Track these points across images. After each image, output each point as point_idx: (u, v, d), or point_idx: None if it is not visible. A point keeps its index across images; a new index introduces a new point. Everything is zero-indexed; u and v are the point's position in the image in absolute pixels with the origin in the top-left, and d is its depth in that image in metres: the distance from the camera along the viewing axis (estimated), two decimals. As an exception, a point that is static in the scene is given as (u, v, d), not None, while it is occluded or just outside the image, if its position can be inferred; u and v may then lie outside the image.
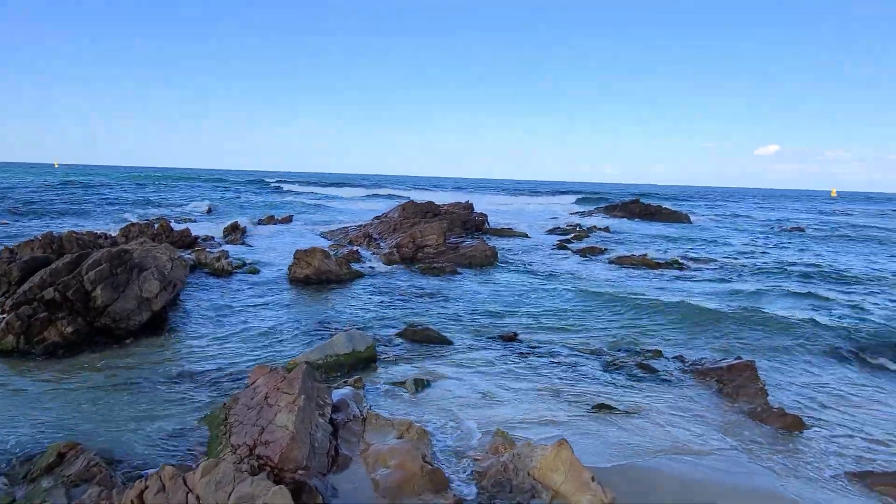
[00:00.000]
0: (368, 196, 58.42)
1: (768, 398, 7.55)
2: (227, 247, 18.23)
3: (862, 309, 13.45)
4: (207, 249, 15.64)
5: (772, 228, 36.48)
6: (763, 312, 12.65)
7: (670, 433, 6.68)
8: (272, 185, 68.77)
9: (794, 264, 20.44)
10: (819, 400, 7.96)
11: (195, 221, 25.25)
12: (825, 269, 19.39)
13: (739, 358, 8.79)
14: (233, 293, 12.62)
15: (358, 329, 9.61)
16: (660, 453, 6.14)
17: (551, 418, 6.93)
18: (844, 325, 11.81)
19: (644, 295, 14.02)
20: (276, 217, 29.48)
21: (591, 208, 43.01)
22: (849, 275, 18.47)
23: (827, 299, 14.48)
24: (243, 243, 20.03)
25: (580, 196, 63.26)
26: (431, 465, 5.16)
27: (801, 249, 25.73)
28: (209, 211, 34.09)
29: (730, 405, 7.60)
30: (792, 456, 6.27)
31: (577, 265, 18.62)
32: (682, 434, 6.68)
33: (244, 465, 4.90)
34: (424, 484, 4.98)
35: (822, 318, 12.28)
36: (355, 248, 18.90)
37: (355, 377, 7.60)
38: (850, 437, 6.81)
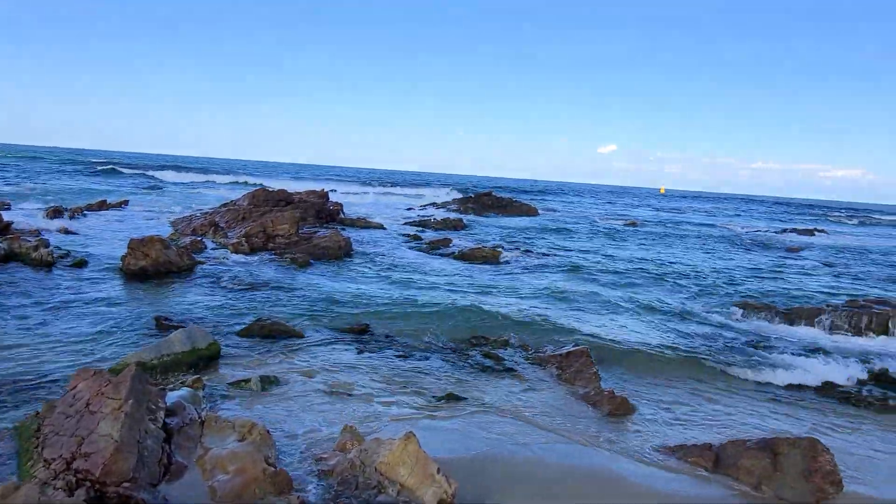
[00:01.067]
0: (214, 182, 55.19)
1: (601, 382, 8.16)
2: (48, 235, 16.32)
3: (682, 302, 14.91)
4: (23, 237, 13.89)
5: (607, 222, 39.55)
6: (600, 296, 13.69)
7: (515, 420, 6.99)
8: (102, 166, 62.75)
9: (631, 260, 22.27)
10: (641, 384, 8.74)
11: (7, 206, 22.35)
12: (653, 264, 21.36)
13: (577, 344, 9.41)
14: (54, 288, 11.33)
15: (200, 325, 9.03)
16: (504, 439, 6.40)
17: (400, 411, 6.98)
18: (664, 310, 13.12)
19: (490, 286, 14.57)
20: (108, 202, 26.94)
21: (450, 200, 43.89)
22: (672, 269, 20.48)
23: (662, 285, 15.98)
24: (69, 231, 18.05)
25: (449, 188, 64.27)
26: (274, 467, 4.97)
27: (638, 244, 28.15)
28: (27, 193, 30.38)
29: (568, 389, 8.11)
30: (620, 435, 6.82)
31: (428, 257, 18.92)
32: (525, 419, 7.01)
33: (59, 482, 4.41)
34: (267, 487, 4.79)
35: (642, 301, 13.53)
36: (199, 237, 17.77)
37: (195, 377, 7.13)
38: (670, 417, 7.53)
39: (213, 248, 16.67)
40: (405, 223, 28.68)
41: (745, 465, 5.85)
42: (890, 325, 11.99)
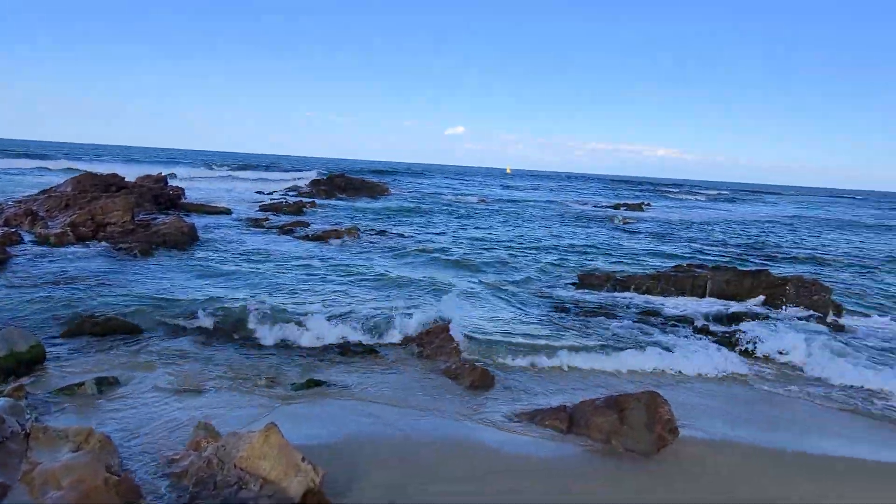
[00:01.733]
0: (46, 169, 48.88)
1: (462, 355, 8.34)
2: None
3: (529, 277, 15.62)
4: None
5: (458, 201, 40.60)
6: (452, 273, 14.00)
7: (379, 401, 6.93)
8: None
9: (482, 238, 23.00)
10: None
11: None
12: (501, 241, 22.26)
13: (438, 321, 9.53)
14: None
15: (18, 325, 7.96)
16: (370, 420, 6.33)
17: (260, 402, 6.65)
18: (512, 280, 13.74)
19: (350, 266, 14.36)
20: None
21: (302, 185, 42.45)
22: (519, 245, 21.47)
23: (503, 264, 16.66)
24: None
25: (302, 172, 61.86)
26: (118, 475, 4.50)
27: (487, 221, 29.13)
28: None
29: (430, 365, 8.19)
30: (482, 405, 7.02)
31: (279, 241, 18.24)
32: (389, 399, 6.98)
33: None
34: (110, 498, 4.32)
35: (490, 280, 14.07)
36: (13, 228, 15.69)
37: (15, 385, 6.28)
38: (528, 387, 7.87)
39: (31, 241, 14.79)
40: (254, 207, 27.39)
41: (595, 423, 6.26)
42: (707, 286, 13.45)
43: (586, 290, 13.55)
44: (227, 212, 24.37)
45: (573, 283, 14.17)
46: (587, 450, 6.05)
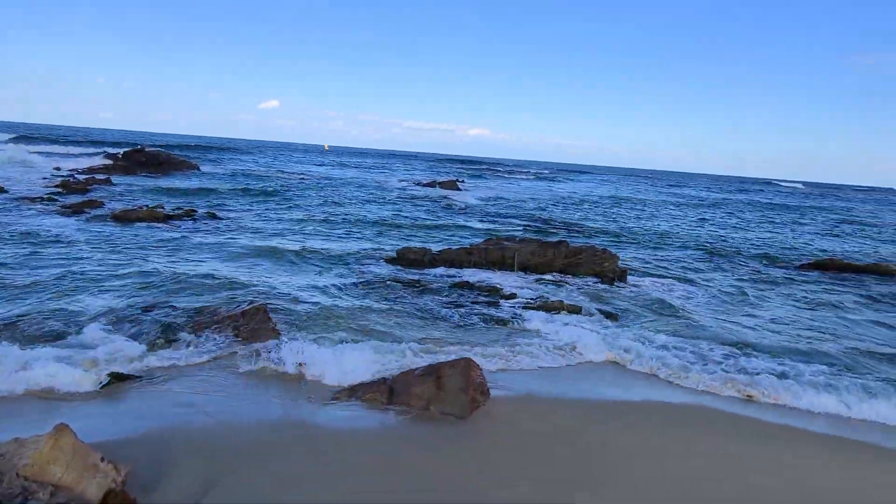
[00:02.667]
0: None
1: (280, 337, 8.14)
2: None
3: (350, 252, 15.62)
4: None
5: (274, 178, 39.16)
6: (277, 253, 13.58)
7: (192, 389, 6.56)
8: None
9: (303, 219, 22.47)
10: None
11: None
12: (325, 217, 21.98)
13: (252, 302, 9.19)
14: None
15: None
16: (182, 411, 5.98)
17: (54, 400, 5.96)
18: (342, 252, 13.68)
19: (153, 248, 13.28)
20: None
21: (99, 163, 37.88)
22: (343, 220, 21.36)
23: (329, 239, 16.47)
24: None
25: (103, 146, 55.02)
26: None
27: (307, 199, 28.46)
28: None
29: (246, 348, 7.89)
30: (303, 385, 6.95)
31: (71, 223, 16.31)
32: (203, 387, 6.63)
33: None
34: None
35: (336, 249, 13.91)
36: None
37: None
38: (350, 361, 7.90)
39: None
40: (40, 185, 24.07)
41: (415, 392, 6.50)
42: (515, 257, 14.48)
43: (401, 267, 13.85)
44: (2, 190, 21.15)
45: (391, 259, 14.43)
46: (408, 417, 6.27)
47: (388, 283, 12.16)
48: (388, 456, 5.43)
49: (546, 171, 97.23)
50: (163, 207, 19.33)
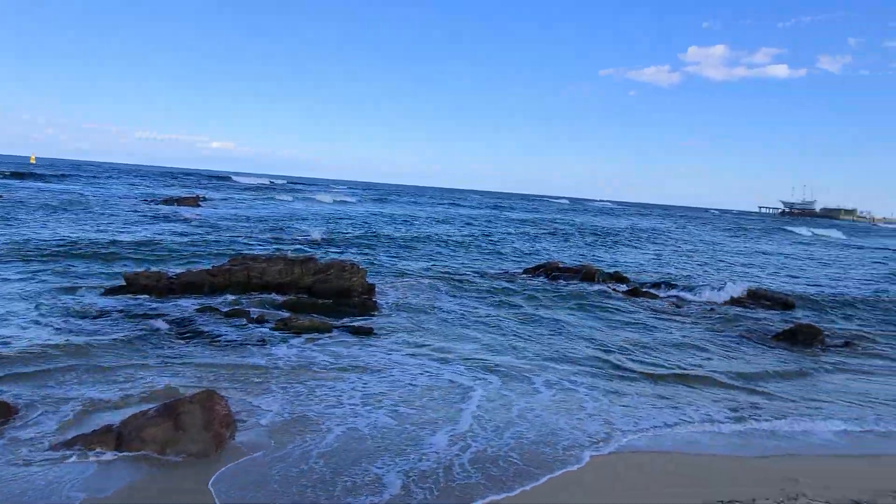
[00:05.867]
0: None
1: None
2: None
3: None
4: None
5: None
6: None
7: None
8: None
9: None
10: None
11: None
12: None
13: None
14: None
15: None
16: None
17: None
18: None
19: None
20: None
21: None
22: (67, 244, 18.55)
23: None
24: None
25: None
26: None
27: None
28: None
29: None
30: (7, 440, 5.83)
31: None
32: None
33: None
34: None
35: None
36: None
37: None
38: (66, 410, 6.83)
39: None
40: None
41: (149, 435, 5.85)
42: (263, 275, 13.96)
43: (131, 296, 12.42)
44: None
45: (112, 290, 12.82)
46: (140, 465, 5.61)
47: (114, 316, 10.80)
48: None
49: (298, 186, 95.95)
50: None
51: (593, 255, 28.75)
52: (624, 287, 18.10)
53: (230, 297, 12.71)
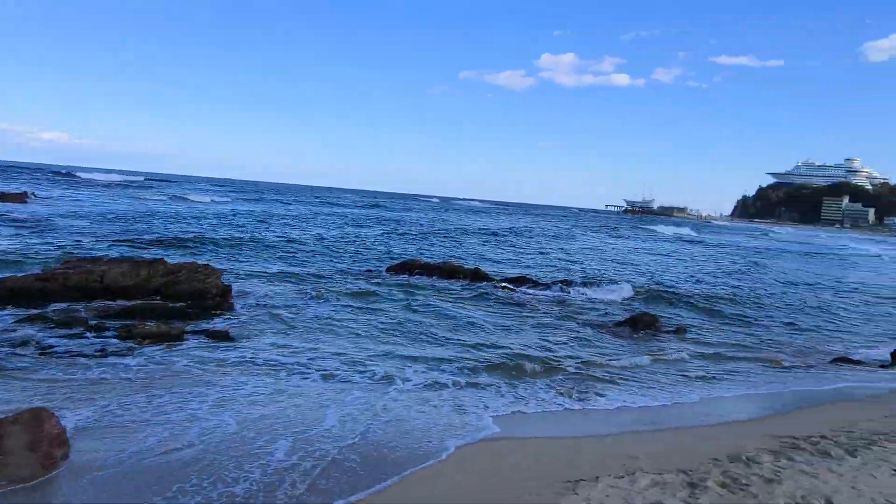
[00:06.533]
0: None
1: None
2: None
3: None
4: None
5: None
6: None
7: None
8: None
9: None
10: None
11: None
12: None
13: None
14: None
15: None
16: None
17: None
18: None
19: None
20: None
21: None
22: None
23: None
24: None
25: None
26: None
27: None
28: None
29: None
30: None
31: None
32: None
33: None
34: None
35: None
36: None
37: None
38: None
39: None
40: None
41: (-40, 463, 5.17)
42: (104, 278, 12.83)
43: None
44: None
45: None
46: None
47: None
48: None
49: (142, 180, 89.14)
50: None
51: (464, 252, 29.47)
52: (485, 282, 18.73)
53: (64, 305, 11.54)
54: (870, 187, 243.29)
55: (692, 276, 26.59)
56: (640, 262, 32.29)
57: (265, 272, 17.93)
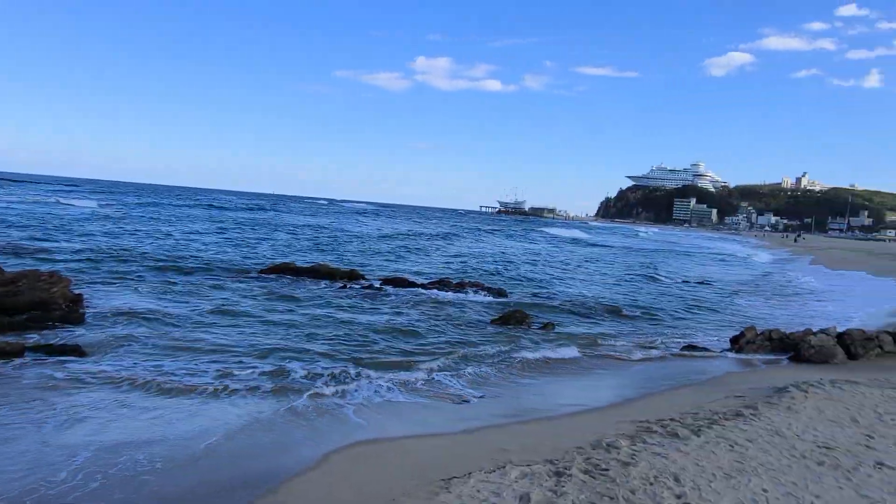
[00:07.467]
0: None
1: None
2: None
3: None
4: None
5: None
6: None
7: None
8: None
9: None
10: None
11: None
12: None
13: None
14: None
15: None
16: None
17: None
18: None
19: None
20: None
21: None
22: None
23: None
24: None
25: None
26: None
27: None
28: None
29: None
30: None
31: None
32: None
33: None
34: None
35: None
36: None
37: None
38: None
39: None
40: None
41: None
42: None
43: None
44: None
45: None
46: None
47: None
48: None
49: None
50: None
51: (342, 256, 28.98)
52: (359, 283, 18.55)
53: None
54: (713, 189, 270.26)
55: (587, 280, 26.94)
56: (520, 261, 33.34)
57: (127, 273, 16.70)
